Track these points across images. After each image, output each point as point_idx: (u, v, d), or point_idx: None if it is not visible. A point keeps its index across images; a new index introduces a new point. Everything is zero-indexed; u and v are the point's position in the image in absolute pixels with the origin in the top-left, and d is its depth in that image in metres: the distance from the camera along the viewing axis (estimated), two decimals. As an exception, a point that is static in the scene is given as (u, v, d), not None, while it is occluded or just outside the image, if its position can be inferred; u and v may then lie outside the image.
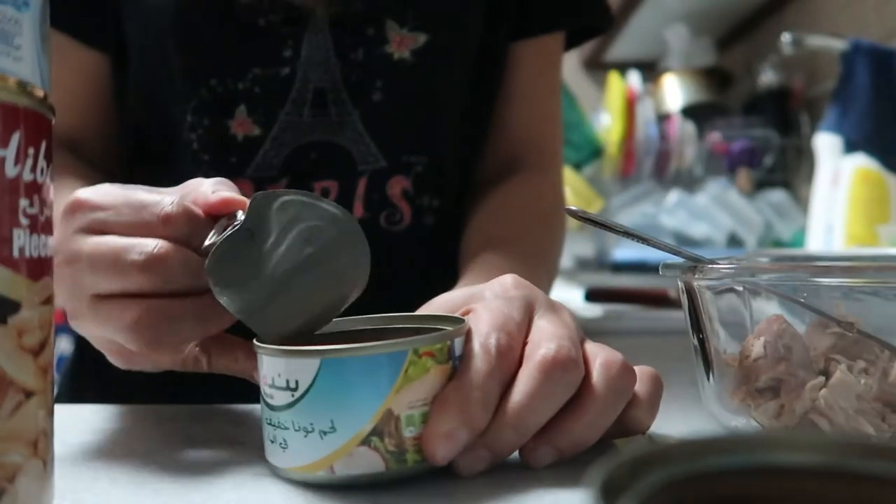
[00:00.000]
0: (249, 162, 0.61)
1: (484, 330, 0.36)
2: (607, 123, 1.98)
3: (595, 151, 1.96)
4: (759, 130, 1.86)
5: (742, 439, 0.18)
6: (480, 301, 0.40)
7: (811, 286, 0.38)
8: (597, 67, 2.64)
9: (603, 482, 0.15)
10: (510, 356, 0.36)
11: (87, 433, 0.42)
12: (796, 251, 1.45)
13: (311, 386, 0.33)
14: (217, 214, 0.38)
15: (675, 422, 0.42)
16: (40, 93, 0.27)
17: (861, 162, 1.23)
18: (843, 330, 0.38)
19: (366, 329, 0.41)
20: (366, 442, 0.32)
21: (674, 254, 0.42)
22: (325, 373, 0.32)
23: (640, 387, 0.38)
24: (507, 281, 0.41)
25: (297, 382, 0.33)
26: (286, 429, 0.33)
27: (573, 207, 0.44)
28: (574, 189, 1.85)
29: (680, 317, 0.45)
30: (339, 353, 0.33)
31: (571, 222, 1.92)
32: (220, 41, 0.61)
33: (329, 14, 0.61)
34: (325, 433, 0.32)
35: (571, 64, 2.75)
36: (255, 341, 0.36)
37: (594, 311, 0.95)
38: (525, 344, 0.37)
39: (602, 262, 1.82)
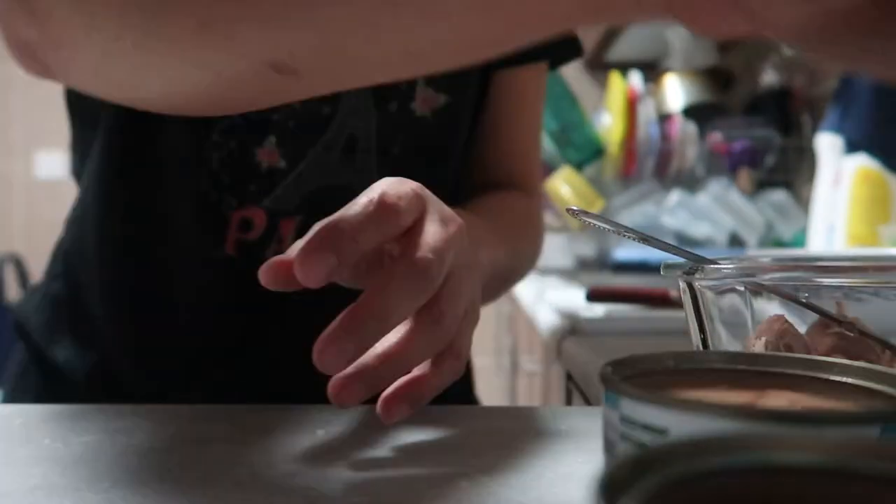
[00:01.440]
0: (269, 192, 0.60)
1: (374, 188, 0.39)
2: (608, 123, 1.99)
3: (596, 151, 1.96)
4: (761, 130, 1.86)
5: (742, 439, 0.18)
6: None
7: (812, 286, 0.38)
8: (598, 67, 2.64)
9: (604, 482, 0.15)
10: (392, 212, 0.38)
11: (88, 433, 0.42)
12: (798, 251, 1.45)
13: None
14: None
15: (676, 422, 0.42)
16: None
17: (862, 162, 1.23)
18: (845, 330, 0.38)
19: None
20: None
21: (675, 254, 0.42)
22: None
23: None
24: (409, 181, 0.43)
25: None
26: None
27: (574, 207, 0.44)
28: (575, 189, 1.85)
29: (681, 317, 0.45)
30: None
31: (572, 222, 1.92)
32: None
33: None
34: None
35: (573, 64, 2.75)
36: None
37: (595, 310, 0.95)
38: (418, 230, 0.40)
39: (603, 262, 1.82)
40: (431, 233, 0.40)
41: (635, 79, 2.02)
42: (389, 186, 0.40)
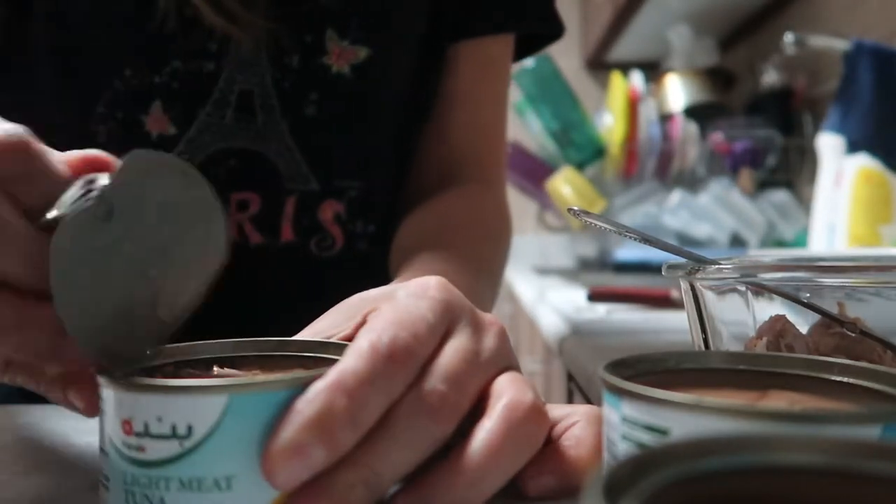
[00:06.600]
0: None
1: (378, 326, 0.28)
2: (609, 124, 1.98)
3: (597, 152, 1.96)
4: (762, 130, 1.86)
5: (743, 439, 0.18)
6: (390, 301, 0.33)
7: (814, 286, 0.38)
8: (599, 67, 2.64)
9: (605, 482, 0.15)
10: (407, 363, 0.28)
11: (88, 433, 0.42)
12: (799, 251, 1.45)
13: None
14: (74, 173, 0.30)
15: (677, 422, 0.42)
16: None
17: (864, 162, 1.23)
18: (846, 330, 0.38)
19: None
20: None
21: (676, 254, 0.42)
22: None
23: (573, 436, 0.31)
24: (430, 282, 0.33)
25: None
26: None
27: (575, 207, 0.44)
28: (576, 189, 1.85)
29: (682, 317, 0.45)
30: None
31: (573, 222, 1.92)
32: (140, 28, 0.55)
33: (258, 36, 0.56)
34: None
35: (573, 64, 2.75)
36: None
37: (596, 310, 0.95)
38: (433, 357, 0.30)
39: (604, 263, 1.82)
40: (451, 352, 0.30)
41: (636, 79, 2.02)
42: (399, 310, 0.30)
